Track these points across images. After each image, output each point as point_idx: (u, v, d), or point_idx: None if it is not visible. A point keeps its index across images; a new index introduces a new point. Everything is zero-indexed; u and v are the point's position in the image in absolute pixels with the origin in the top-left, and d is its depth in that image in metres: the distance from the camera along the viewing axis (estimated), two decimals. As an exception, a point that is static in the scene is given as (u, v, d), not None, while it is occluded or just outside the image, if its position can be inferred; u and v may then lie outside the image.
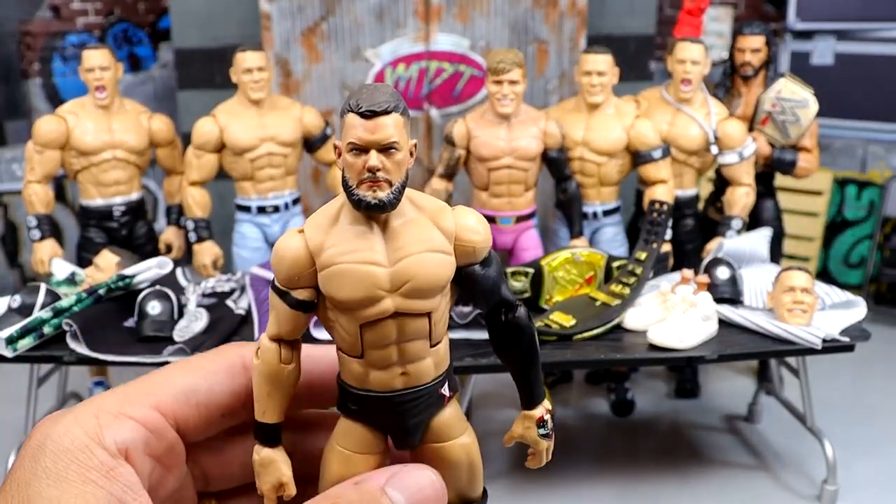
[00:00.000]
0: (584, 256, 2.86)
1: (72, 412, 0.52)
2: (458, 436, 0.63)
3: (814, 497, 2.99)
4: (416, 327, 0.60)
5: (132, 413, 0.53)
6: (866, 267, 4.87)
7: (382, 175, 0.58)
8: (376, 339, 0.59)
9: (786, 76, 3.41)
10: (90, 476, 0.49)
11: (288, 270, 0.59)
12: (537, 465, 0.70)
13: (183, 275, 2.92)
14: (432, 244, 0.60)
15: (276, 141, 3.21)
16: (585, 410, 3.69)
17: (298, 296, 0.60)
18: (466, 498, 0.65)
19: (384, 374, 0.60)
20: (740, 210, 3.31)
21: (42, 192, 3.19)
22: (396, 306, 0.59)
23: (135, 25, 5.71)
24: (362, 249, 0.58)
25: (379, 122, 0.58)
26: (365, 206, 0.58)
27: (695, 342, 2.58)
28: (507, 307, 0.65)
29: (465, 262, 0.61)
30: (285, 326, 0.61)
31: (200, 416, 0.57)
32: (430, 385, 0.61)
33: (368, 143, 0.58)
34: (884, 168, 4.86)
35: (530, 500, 3.00)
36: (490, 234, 0.63)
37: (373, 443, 0.61)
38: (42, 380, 3.01)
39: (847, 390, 3.86)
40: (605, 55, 3.12)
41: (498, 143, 3.05)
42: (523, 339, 0.65)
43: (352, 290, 0.58)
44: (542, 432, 0.67)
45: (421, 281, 0.59)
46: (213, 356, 0.61)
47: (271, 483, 0.60)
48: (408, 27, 3.94)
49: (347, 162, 0.59)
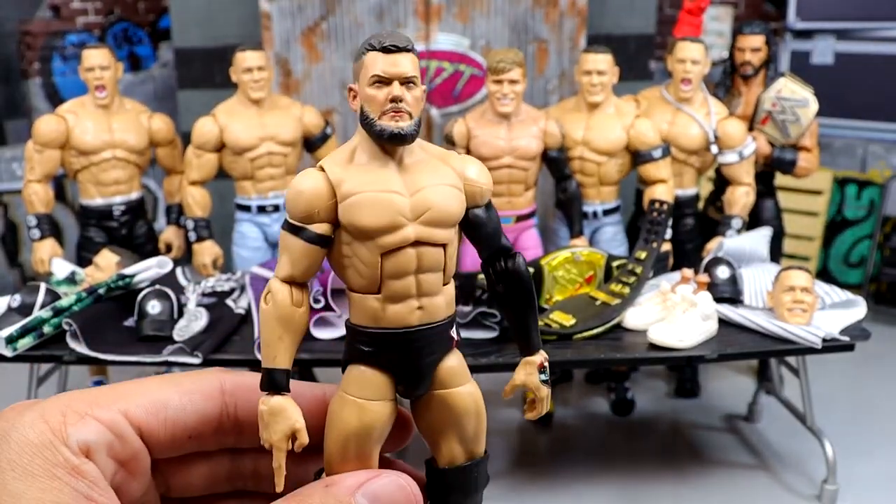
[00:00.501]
0: (584, 256, 2.86)
1: (39, 405, 0.52)
2: (464, 383, 0.65)
3: (814, 497, 2.99)
4: (434, 258, 0.62)
5: (99, 415, 0.53)
6: (866, 266, 4.87)
7: (404, 106, 0.62)
8: (397, 269, 0.61)
9: (786, 75, 3.41)
10: (55, 472, 0.49)
11: (307, 204, 0.61)
12: (537, 414, 0.71)
13: (183, 274, 2.92)
14: (445, 178, 0.64)
15: (276, 140, 3.21)
16: (585, 410, 3.68)
17: (316, 230, 0.62)
18: (472, 453, 0.66)
19: (401, 307, 0.61)
20: (740, 209, 3.31)
21: (42, 191, 3.19)
22: (417, 234, 0.61)
23: (135, 25, 5.71)
24: (382, 180, 0.61)
25: (401, 57, 0.62)
26: (388, 136, 0.61)
27: (695, 342, 2.58)
28: (506, 254, 0.68)
29: (472, 204, 0.66)
30: (299, 265, 0.63)
31: (167, 432, 0.56)
32: (442, 322, 0.63)
33: (392, 74, 0.62)
34: (884, 168, 4.86)
35: (530, 500, 3.00)
36: (492, 183, 0.68)
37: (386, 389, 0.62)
38: (42, 379, 3.01)
39: (847, 390, 3.86)
40: (605, 54, 3.12)
41: (498, 143, 3.05)
42: (522, 286, 0.68)
43: (376, 216, 0.60)
44: (542, 378, 0.70)
45: (439, 210, 0.62)
46: (193, 376, 0.60)
47: (283, 432, 0.59)
48: (408, 27, 3.94)
49: (369, 95, 0.62)
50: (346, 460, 0.60)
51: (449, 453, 0.65)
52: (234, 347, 2.53)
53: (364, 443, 0.60)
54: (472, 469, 0.66)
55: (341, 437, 0.60)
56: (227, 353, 2.49)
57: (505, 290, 0.68)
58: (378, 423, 0.61)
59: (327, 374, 3.74)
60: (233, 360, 2.45)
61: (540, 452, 3.37)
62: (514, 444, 3.41)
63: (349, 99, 0.65)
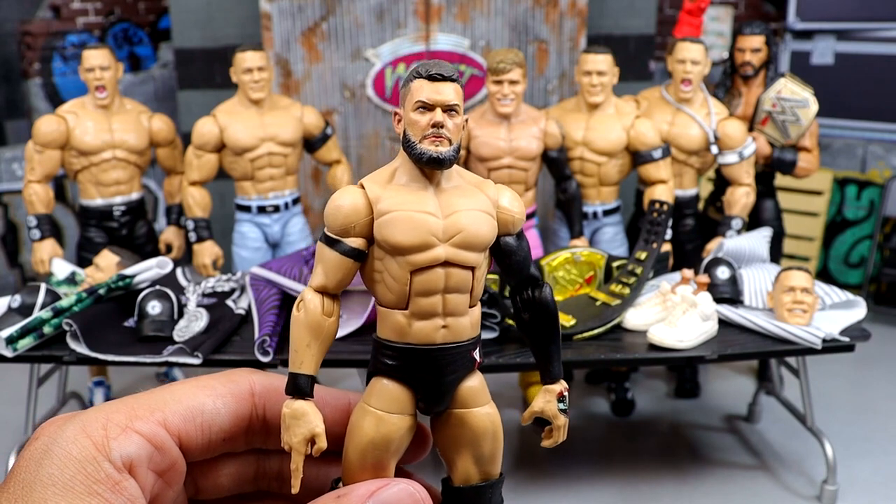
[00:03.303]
0: (584, 256, 2.86)
1: (79, 419, 0.52)
2: (483, 404, 0.67)
3: (814, 497, 2.99)
4: (461, 280, 0.65)
5: (140, 428, 0.53)
6: (866, 267, 4.88)
7: (445, 132, 0.65)
8: (425, 287, 0.63)
9: (786, 76, 3.42)
10: (96, 488, 0.49)
11: (345, 218, 0.64)
12: (554, 443, 0.72)
13: (183, 275, 2.92)
14: (479, 205, 0.66)
15: (277, 141, 3.21)
16: (585, 410, 3.68)
17: (351, 243, 0.64)
18: (487, 474, 0.67)
19: (427, 324, 0.63)
20: (740, 210, 3.31)
21: (42, 191, 3.19)
22: (447, 255, 0.64)
23: (135, 25, 5.71)
24: (418, 201, 0.64)
25: (445, 86, 0.66)
26: (427, 160, 0.64)
27: (695, 342, 2.58)
28: (534, 284, 0.70)
29: (504, 232, 0.68)
30: (333, 277, 0.65)
31: (203, 437, 0.57)
32: (466, 343, 0.65)
33: (435, 101, 0.65)
34: (884, 168, 4.86)
35: (530, 500, 3.00)
36: (525, 214, 0.69)
37: (406, 403, 0.64)
38: (42, 380, 3.01)
39: (847, 390, 3.86)
40: (606, 55, 3.12)
41: (498, 143, 3.06)
42: (547, 316, 0.70)
43: (409, 234, 0.63)
44: (561, 406, 0.71)
45: (471, 233, 0.64)
46: (223, 378, 0.61)
47: (303, 435, 0.60)
48: (408, 27, 3.94)
49: (412, 120, 0.66)
50: (362, 469, 0.62)
51: (464, 472, 0.66)
52: (234, 348, 2.53)
53: (381, 454, 0.62)
54: (487, 490, 0.67)
55: (359, 446, 0.61)
56: (228, 353, 2.49)
57: (530, 318, 0.70)
58: (396, 436, 0.63)
59: (327, 374, 3.74)
60: (233, 361, 2.45)
61: (540, 452, 3.37)
62: (514, 444, 3.41)
63: (394, 122, 0.68)
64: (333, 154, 3.39)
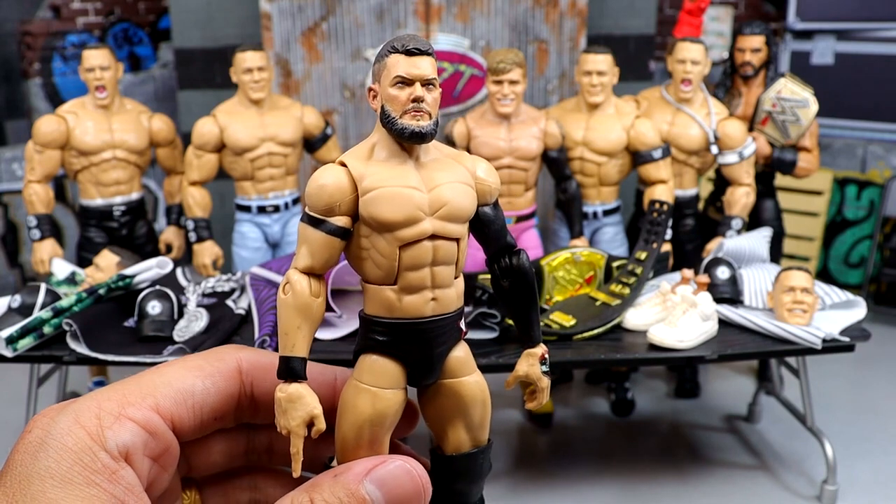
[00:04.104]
0: (584, 256, 2.86)
1: (72, 409, 0.52)
2: (471, 372, 0.68)
3: (814, 497, 2.99)
4: (448, 252, 0.65)
5: (133, 415, 0.53)
6: (866, 267, 4.88)
7: (425, 106, 0.65)
8: (414, 261, 0.64)
9: (786, 76, 3.42)
10: (94, 479, 0.49)
11: (329, 197, 0.64)
12: (538, 404, 0.74)
13: (183, 275, 2.92)
14: (460, 177, 0.67)
15: (277, 141, 3.21)
16: (585, 410, 3.69)
17: (337, 222, 0.64)
18: (477, 441, 0.68)
19: (416, 298, 0.64)
20: (740, 210, 3.31)
21: (42, 191, 3.19)
22: (434, 228, 0.64)
23: (135, 25, 5.71)
24: (402, 176, 0.64)
25: (422, 60, 0.66)
26: (409, 135, 0.64)
27: (695, 342, 2.58)
28: (510, 251, 0.71)
29: (482, 202, 0.68)
30: (319, 257, 0.65)
31: (195, 418, 0.58)
32: (453, 314, 0.66)
33: (414, 76, 0.65)
34: (884, 168, 4.86)
35: (530, 500, 3.00)
36: (499, 181, 0.71)
37: (398, 377, 0.64)
38: (42, 380, 3.01)
39: (847, 390, 3.86)
40: (606, 55, 3.12)
41: (498, 143, 3.05)
42: (525, 282, 0.71)
43: (396, 210, 0.63)
44: (543, 369, 0.72)
45: (455, 205, 0.65)
46: (211, 357, 0.61)
47: (301, 418, 0.60)
48: (408, 27, 3.94)
49: (391, 95, 0.65)
50: (358, 447, 0.62)
51: (455, 440, 0.67)
52: (234, 348, 2.53)
53: (377, 430, 0.62)
54: (478, 456, 0.68)
55: (355, 424, 0.61)
56: (228, 353, 2.49)
57: (509, 285, 0.71)
58: (391, 411, 0.63)
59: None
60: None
61: (540, 452, 3.37)
62: (514, 444, 3.41)
63: (369, 98, 0.68)
64: (333, 154, 3.39)
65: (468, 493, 0.68)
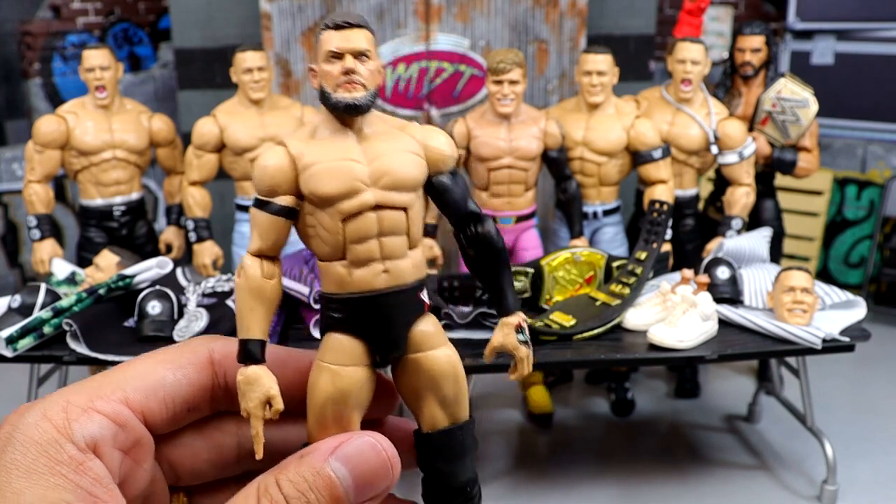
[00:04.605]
0: (584, 256, 2.86)
1: (40, 405, 0.52)
2: (440, 345, 0.65)
3: (814, 497, 2.99)
4: (395, 222, 0.64)
5: (101, 407, 0.53)
6: (866, 267, 4.88)
7: (358, 78, 0.65)
8: (358, 233, 0.63)
9: (786, 76, 3.42)
10: (60, 470, 0.49)
11: (271, 178, 0.64)
12: (520, 375, 0.72)
13: (183, 275, 2.92)
14: (404, 146, 0.66)
15: (277, 140, 3.20)
16: (585, 410, 3.69)
17: (281, 202, 0.64)
18: (454, 417, 0.66)
19: (366, 271, 0.63)
20: (740, 210, 3.31)
21: (42, 191, 3.19)
22: (377, 199, 0.63)
23: (135, 25, 5.71)
24: (341, 150, 0.64)
25: (353, 33, 0.66)
26: (344, 107, 0.64)
27: (695, 342, 2.58)
28: (475, 219, 0.69)
29: (435, 171, 0.67)
30: (267, 239, 0.65)
31: (167, 410, 0.57)
32: (409, 286, 0.65)
33: (344, 49, 0.65)
34: (884, 168, 4.86)
35: (530, 500, 3.00)
36: (456, 152, 0.69)
37: (359, 354, 0.63)
38: (42, 380, 3.01)
39: (847, 390, 3.86)
40: (606, 55, 3.12)
41: (498, 143, 3.05)
42: (492, 248, 0.69)
43: (334, 183, 0.63)
44: (520, 338, 0.70)
45: (397, 174, 0.64)
46: (182, 348, 0.61)
47: (258, 399, 0.60)
48: (408, 27, 3.94)
49: (324, 71, 0.66)
50: (324, 427, 0.61)
51: (430, 417, 0.65)
52: (234, 348, 2.53)
53: (341, 409, 0.61)
54: (456, 432, 0.65)
55: (318, 404, 0.61)
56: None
57: (476, 253, 0.69)
58: (353, 388, 0.62)
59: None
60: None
61: (540, 452, 3.37)
62: (514, 444, 3.41)
63: (311, 79, 0.68)
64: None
65: (453, 473, 0.66)
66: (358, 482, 0.55)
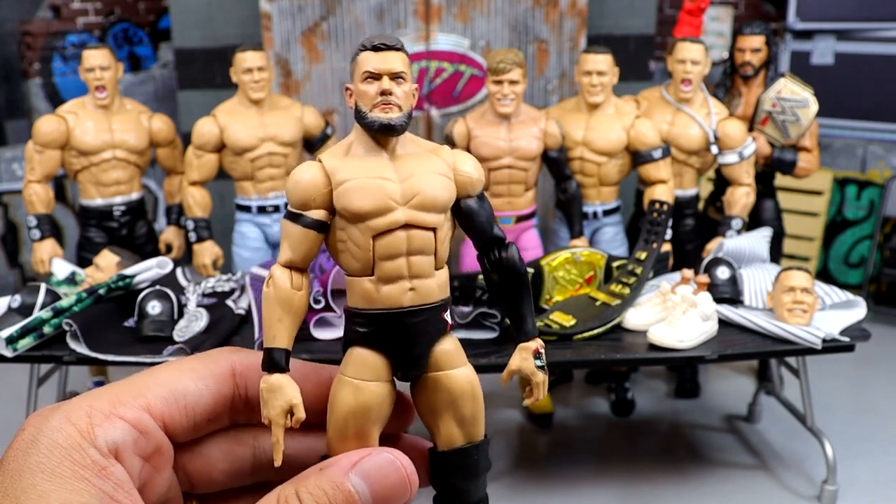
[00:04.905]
0: (584, 256, 2.86)
1: (63, 409, 0.53)
2: (459, 366, 0.67)
3: (814, 497, 2.99)
4: (423, 241, 0.66)
5: (123, 414, 0.54)
6: (866, 267, 4.88)
7: (394, 99, 0.67)
8: (388, 251, 0.64)
9: (786, 76, 3.42)
10: (83, 474, 0.50)
11: (304, 192, 0.65)
12: (535, 400, 0.73)
13: (183, 275, 2.92)
14: (435, 168, 0.67)
15: (277, 141, 3.21)
16: (585, 410, 3.69)
17: (313, 215, 0.66)
18: (470, 436, 0.67)
19: (394, 288, 0.64)
20: (740, 210, 3.31)
21: (42, 191, 3.19)
22: (407, 218, 0.65)
23: (135, 25, 5.71)
24: (374, 168, 0.66)
25: (390, 55, 0.68)
26: (379, 127, 0.66)
27: (695, 342, 2.58)
28: (499, 244, 0.71)
29: (463, 194, 0.69)
30: (298, 251, 0.66)
31: (188, 419, 0.58)
32: (434, 305, 0.66)
33: (382, 70, 0.67)
34: (884, 168, 4.86)
35: (530, 500, 3.00)
36: (484, 176, 0.71)
37: (382, 370, 0.64)
38: (42, 380, 3.01)
39: (847, 390, 3.86)
40: (606, 55, 3.12)
41: (498, 143, 3.05)
42: (515, 275, 0.71)
43: (367, 200, 0.64)
44: (538, 363, 0.71)
45: (428, 195, 0.66)
46: (204, 359, 0.62)
47: (281, 407, 0.61)
48: (408, 27, 3.94)
49: (361, 91, 0.68)
50: (344, 440, 0.62)
51: (447, 435, 0.67)
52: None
53: (362, 423, 0.62)
54: (472, 452, 0.67)
55: (339, 417, 0.62)
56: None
57: (500, 279, 0.71)
58: (374, 403, 0.63)
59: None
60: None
61: (540, 452, 3.37)
62: (514, 444, 3.41)
63: (346, 98, 0.70)
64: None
65: (466, 491, 0.67)
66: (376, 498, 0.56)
